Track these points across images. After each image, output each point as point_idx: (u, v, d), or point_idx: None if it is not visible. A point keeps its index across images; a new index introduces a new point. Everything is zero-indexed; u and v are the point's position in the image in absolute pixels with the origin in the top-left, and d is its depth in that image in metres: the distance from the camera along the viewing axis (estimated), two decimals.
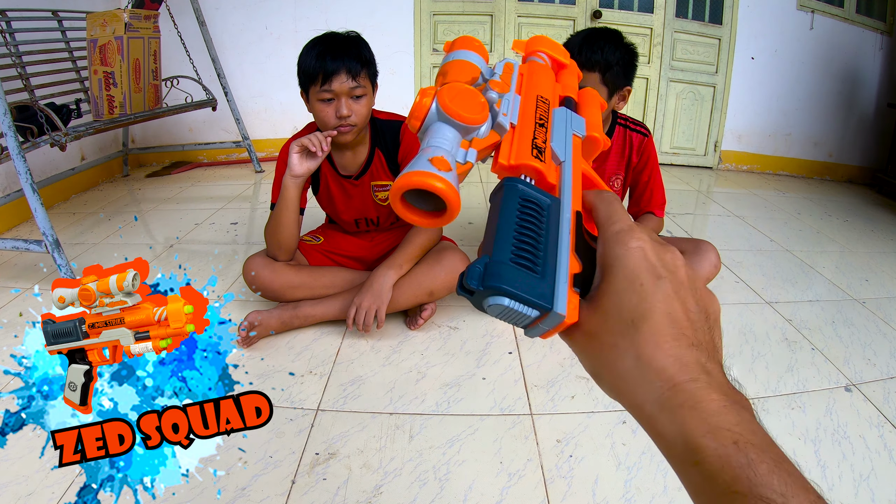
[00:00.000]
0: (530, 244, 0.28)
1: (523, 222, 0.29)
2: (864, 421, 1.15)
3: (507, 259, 0.27)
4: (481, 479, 0.98)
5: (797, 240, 2.26)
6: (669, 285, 0.27)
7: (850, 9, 3.31)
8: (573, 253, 0.29)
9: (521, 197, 0.30)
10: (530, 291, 0.26)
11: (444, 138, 0.31)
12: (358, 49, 1.35)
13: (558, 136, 0.35)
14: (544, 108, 0.36)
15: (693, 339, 0.26)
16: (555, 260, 0.28)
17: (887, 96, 3.37)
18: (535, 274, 0.27)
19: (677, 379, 0.25)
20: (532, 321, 0.27)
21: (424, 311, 1.47)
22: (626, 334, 0.26)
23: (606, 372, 0.28)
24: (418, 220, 0.30)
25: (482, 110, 0.32)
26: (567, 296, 0.27)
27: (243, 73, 3.30)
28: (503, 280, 0.26)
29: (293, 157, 1.36)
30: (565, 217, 0.30)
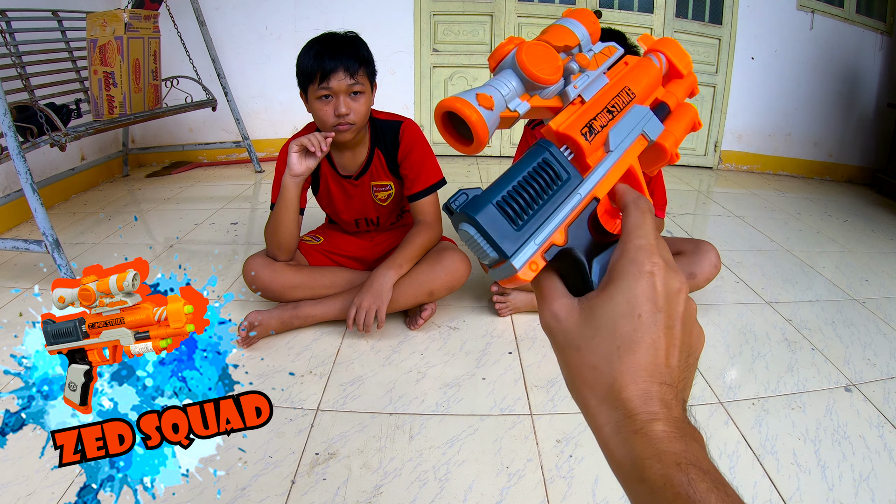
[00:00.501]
0: (524, 199, 0.30)
1: (531, 179, 0.30)
2: (864, 421, 1.15)
3: (493, 200, 0.29)
4: (481, 479, 0.98)
5: (797, 240, 2.26)
6: (664, 320, 0.29)
7: (850, 9, 3.31)
8: (564, 227, 0.31)
9: (543, 159, 0.31)
10: (498, 235, 0.29)
11: (505, 83, 0.32)
12: (356, 48, 1.36)
13: (623, 128, 0.35)
14: (624, 100, 0.36)
15: (666, 377, 0.28)
16: (541, 224, 0.30)
17: (887, 96, 3.37)
18: (514, 225, 0.29)
19: (637, 410, 0.27)
20: (492, 262, 0.30)
21: (424, 311, 1.47)
22: (609, 360, 0.28)
23: (580, 387, 0.30)
24: (451, 142, 0.33)
25: (553, 73, 0.33)
26: (531, 257, 0.29)
27: (243, 73, 3.30)
28: (478, 213, 0.29)
29: (292, 157, 1.37)
30: (579, 194, 0.32)
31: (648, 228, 0.31)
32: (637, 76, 0.38)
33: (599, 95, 0.35)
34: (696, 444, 0.27)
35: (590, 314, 0.30)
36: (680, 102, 0.40)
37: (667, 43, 0.41)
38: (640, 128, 0.36)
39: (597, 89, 0.35)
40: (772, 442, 1.08)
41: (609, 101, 0.35)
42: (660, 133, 0.37)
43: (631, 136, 0.35)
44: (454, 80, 3.38)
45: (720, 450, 1.06)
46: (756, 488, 0.97)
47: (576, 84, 0.35)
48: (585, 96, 0.35)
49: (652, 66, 0.39)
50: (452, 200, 0.30)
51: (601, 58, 0.37)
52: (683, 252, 1.49)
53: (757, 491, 0.97)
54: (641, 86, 0.38)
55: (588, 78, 0.35)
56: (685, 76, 0.41)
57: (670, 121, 0.39)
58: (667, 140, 0.37)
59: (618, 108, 0.35)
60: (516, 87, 0.33)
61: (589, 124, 0.33)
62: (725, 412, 1.17)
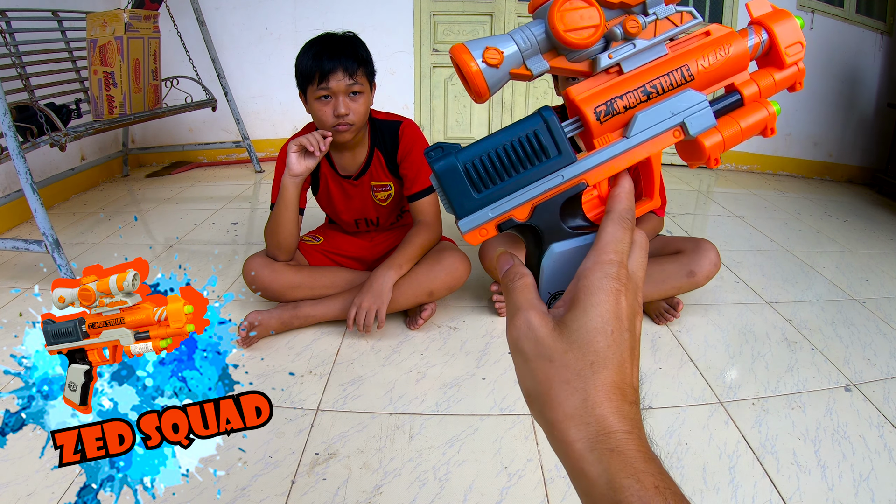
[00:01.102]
0: (495, 168, 0.29)
1: (510, 150, 0.29)
2: (864, 421, 1.15)
3: (462, 161, 0.29)
4: (481, 479, 0.98)
5: (797, 240, 2.26)
6: (629, 340, 0.29)
7: (850, 9, 3.31)
8: (531, 205, 0.30)
9: (533, 131, 0.30)
10: (456, 194, 0.29)
11: (528, 37, 0.30)
12: (354, 48, 1.36)
13: (656, 114, 0.31)
14: (675, 82, 0.31)
15: (633, 397, 0.28)
16: (505, 195, 0.30)
17: (887, 96, 3.37)
18: (475, 190, 0.29)
19: (614, 427, 0.27)
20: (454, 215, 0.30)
21: (424, 311, 1.47)
22: (582, 375, 0.28)
23: (547, 401, 0.29)
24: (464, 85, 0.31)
25: (586, 38, 0.29)
26: (481, 224, 0.30)
27: (243, 73, 3.30)
28: (442, 170, 0.29)
29: (291, 157, 1.37)
30: (561, 176, 0.30)
31: (623, 246, 0.30)
32: (708, 55, 0.31)
33: (642, 71, 0.31)
34: (662, 466, 0.27)
35: (563, 328, 0.29)
36: (760, 97, 0.33)
37: (778, 17, 0.33)
38: (679, 118, 0.31)
39: (643, 62, 0.31)
40: (772, 442, 1.08)
41: (650, 80, 0.30)
42: (706, 129, 0.31)
43: (661, 126, 0.31)
44: (454, 80, 3.38)
45: (720, 450, 1.06)
46: (756, 488, 0.97)
47: (612, 53, 0.30)
48: (626, 67, 0.31)
49: (740, 44, 0.32)
50: (429, 151, 0.30)
51: (665, 25, 0.31)
52: (683, 250, 1.49)
53: (757, 491, 0.97)
54: (710, 68, 0.31)
55: (634, 47, 0.30)
56: (787, 66, 0.33)
57: (731, 117, 0.32)
58: (710, 139, 0.32)
59: (660, 89, 0.30)
60: (541, 43, 0.29)
61: (610, 102, 0.30)
62: (725, 412, 1.17)
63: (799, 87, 0.34)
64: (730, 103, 0.32)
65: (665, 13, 0.31)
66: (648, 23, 0.30)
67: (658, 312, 1.50)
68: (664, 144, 0.31)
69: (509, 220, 0.30)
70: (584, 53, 0.30)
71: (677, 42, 0.32)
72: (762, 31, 0.33)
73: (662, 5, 0.30)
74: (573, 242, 0.32)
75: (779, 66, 0.33)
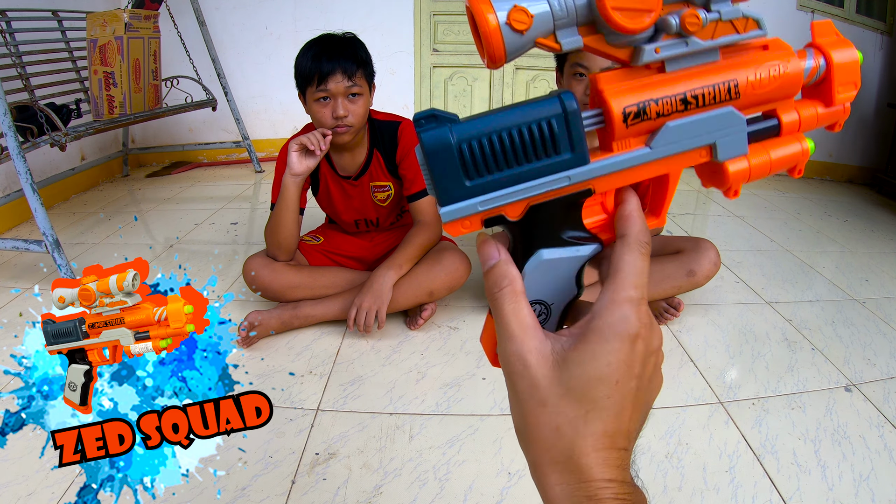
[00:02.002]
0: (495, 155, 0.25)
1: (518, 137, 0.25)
2: (864, 421, 1.15)
3: (458, 139, 0.25)
4: (481, 479, 0.98)
5: (797, 240, 2.26)
6: (635, 385, 0.27)
7: (850, 9, 3.31)
8: (527, 203, 0.27)
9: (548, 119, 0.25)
10: (442, 176, 0.25)
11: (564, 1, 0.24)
12: (354, 49, 1.36)
13: (690, 129, 0.27)
14: (719, 97, 0.26)
15: (625, 444, 0.27)
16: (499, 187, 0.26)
17: (887, 96, 3.37)
18: (466, 176, 0.25)
19: (594, 477, 0.26)
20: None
21: (424, 311, 1.47)
22: (574, 424, 0.26)
23: (534, 443, 0.28)
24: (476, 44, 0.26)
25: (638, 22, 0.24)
26: (465, 216, 0.26)
27: (243, 73, 3.30)
28: (431, 147, 0.25)
29: (292, 156, 1.37)
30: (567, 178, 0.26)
31: (644, 278, 0.27)
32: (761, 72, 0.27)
33: (686, 74, 0.26)
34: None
35: (563, 368, 0.26)
36: (798, 129, 0.29)
37: (841, 46, 0.28)
38: (712, 137, 0.27)
39: (690, 65, 0.27)
40: (772, 442, 1.08)
41: (692, 88, 0.26)
42: (736, 156, 0.28)
43: (691, 143, 0.27)
44: (454, 80, 3.38)
45: (720, 450, 1.06)
46: (756, 488, 0.97)
47: (660, 47, 0.26)
48: (669, 66, 0.26)
49: (797, 66, 0.28)
50: (420, 117, 0.25)
51: (725, 28, 0.26)
52: (683, 250, 1.49)
53: (757, 491, 0.97)
54: (760, 87, 0.27)
55: (686, 46, 0.26)
56: (834, 103, 0.29)
57: (762, 146, 0.28)
58: (736, 166, 0.28)
59: (701, 101, 0.26)
60: (580, 13, 0.25)
61: (644, 104, 0.26)
62: (725, 412, 1.17)
63: (838, 129, 0.30)
64: (765, 129, 0.28)
65: (730, 15, 0.26)
66: (709, 21, 0.26)
67: (658, 312, 1.50)
68: (688, 163, 0.28)
69: (499, 217, 0.27)
70: (628, 39, 0.25)
71: (731, 49, 0.27)
72: (820, 58, 0.28)
73: (729, 4, 0.26)
74: (564, 252, 0.28)
75: (826, 101, 0.29)
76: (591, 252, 0.29)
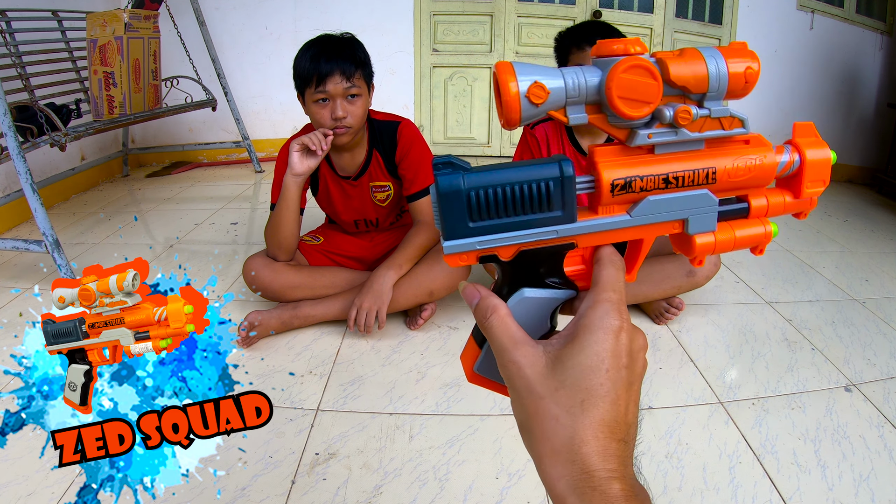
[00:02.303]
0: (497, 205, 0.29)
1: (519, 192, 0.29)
2: (864, 421, 1.15)
3: (467, 188, 0.28)
4: (481, 479, 0.98)
5: (797, 240, 2.26)
6: (627, 377, 0.29)
7: (850, 9, 3.31)
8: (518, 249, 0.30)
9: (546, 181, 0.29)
10: (449, 216, 0.29)
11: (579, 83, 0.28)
12: (352, 50, 1.35)
13: (666, 205, 0.30)
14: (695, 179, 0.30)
15: (624, 434, 0.28)
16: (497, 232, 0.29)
17: (887, 96, 3.37)
18: (470, 219, 0.29)
19: (596, 467, 0.27)
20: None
21: (424, 311, 1.47)
22: (572, 413, 0.28)
23: (537, 435, 0.29)
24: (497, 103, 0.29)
25: (637, 111, 0.28)
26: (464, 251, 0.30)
27: (243, 73, 3.30)
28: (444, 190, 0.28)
29: (294, 156, 1.37)
30: (555, 232, 0.30)
31: (621, 285, 0.31)
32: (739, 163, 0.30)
33: (672, 158, 0.30)
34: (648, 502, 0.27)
35: (557, 364, 0.29)
36: (764, 214, 0.32)
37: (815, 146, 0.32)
38: (686, 213, 0.31)
39: (677, 150, 0.30)
40: (772, 442, 1.08)
41: (674, 171, 0.30)
42: (705, 231, 0.31)
43: (667, 216, 0.31)
44: (454, 80, 3.38)
45: (720, 450, 1.06)
46: (756, 488, 0.97)
47: (652, 133, 0.29)
48: (658, 149, 0.30)
49: (772, 160, 0.31)
50: (438, 162, 0.29)
51: (712, 124, 0.30)
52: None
53: (757, 491, 0.97)
54: (735, 176, 0.30)
55: (675, 136, 0.29)
56: (802, 196, 0.32)
57: (731, 225, 0.32)
58: (703, 239, 0.31)
59: (681, 182, 0.30)
60: (589, 95, 0.28)
61: (630, 179, 0.29)
62: (725, 412, 1.17)
63: (803, 217, 0.34)
64: (735, 210, 0.32)
65: (719, 114, 0.29)
66: (699, 116, 0.29)
67: (658, 312, 1.50)
68: (661, 232, 0.31)
69: (492, 256, 0.30)
70: (627, 123, 0.29)
71: (715, 140, 0.31)
72: (796, 154, 0.32)
73: (720, 104, 0.29)
74: (544, 293, 0.32)
75: (795, 192, 0.32)
76: (567, 296, 0.33)
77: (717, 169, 0.30)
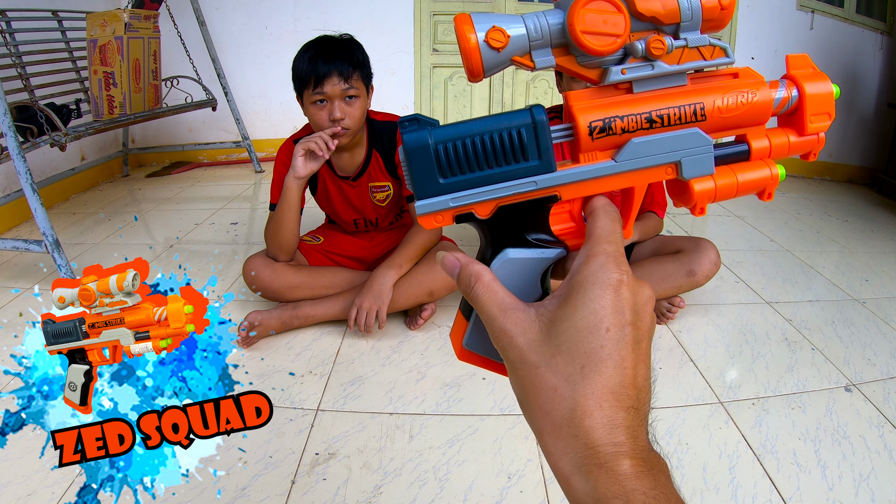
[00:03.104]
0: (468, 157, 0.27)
1: (490, 142, 0.27)
2: (864, 421, 1.15)
3: (435, 141, 0.27)
4: (481, 479, 0.98)
5: (797, 240, 2.26)
6: (632, 334, 0.26)
7: (850, 9, 3.31)
8: (495, 204, 0.28)
9: (518, 128, 0.27)
10: (419, 174, 0.27)
11: (540, 24, 0.27)
12: (350, 51, 1.35)
13: (654, 146, 0.28)
14: (682, 116, 0.28)
15: (633, 401, 0.25)
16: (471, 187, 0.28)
17: (887, 96, 3.37)
18: (441, 174, 0.28)
19: (601, 441, 0.24)
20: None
21: (424, 311, 1.47)
22: (571, 381, 0.25)
23: (535, 409, 0.26)
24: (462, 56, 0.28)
25: (605, 46, 0.26)
26: (437, 211, 0.28)
27: (243, 73, 3.30)
28: (411, 146, 0.27)
29: (298, 160, 1.37)
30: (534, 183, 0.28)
31: (618, 236, 0.28)
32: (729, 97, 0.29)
33: (654, 96, 0.28)
34: (663, 477, 0.25)
35: (550, 328, 0.26)
36: (768, 155, 0.30)
37: (814, 79, 0.30)
38: (677, 156, 0.29)
39: (657, 87, 0.28)
40: (772, 442, 1.08)
41: (658, 108, 0.28)
42: (702, 175, 0.29)
43: (655, 160, 0.29)
44: (454, 79, 3.38)
45: (720, 450, 1.06)
46: (756, 488, 0.97)
47: (626, 69, 0.28)
48: (637, 87, 0.28)
49: (766, 94, 0.29)
50: (404, 120, 0.28)
51: (692, 55, 0.28)
52: (683, 250, 1.49)
53: (757, 491, 0.97)
54: (727, 112, 0.29)
55: (652, 69, 0.28)
56: (806, 133, 0.30)
57: (730, 168, 0.30)
58: (701, 185, 0.29)
59: (666, 120, 0.28)
60: (553, 36, 0.27)
61: (609, 121, 0.28)
62: (725, 412, 1.17)
63: (813, 158, 0.31)
64: (734, 153, 0.30)
65: (696, 43, 0.28)
66: (675, 47, 0.27)
67: (659, 312, 1.50)
68: (653, 178, 0.29)
69: (469, 214, 0.28)
70: (597, 60, 0.27)
71: (700, 76, 0.29)
72: (793, 89, 0.30)
73: (697, 33, 0.28)
74: (530, 253, 0.30)
75: (799, 130, 0.30)
76: (556, 255, 0.30)
77: (706, 105, 0.28)
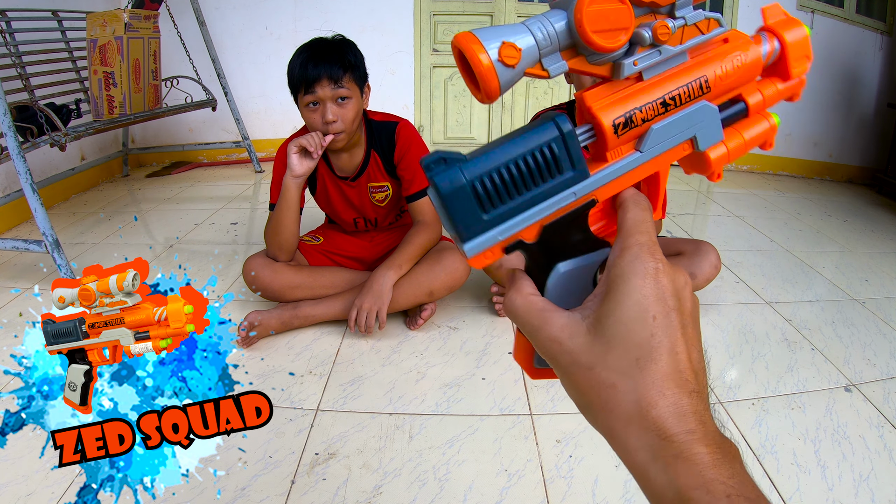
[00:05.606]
0: (505, 186, 0.26)
1: (523, 164, 0.26)
2: (864, 421, 1.15)
3: (469, 178, 0.25)
4: (481, 479, 0.98)
5: (797, 240, 2.26)
6: (678, 319, 0.26)
7: (850, 9, 3.31)
8: (540, 225, 0.27)
9: (548, 143, 0.26)
10: (460, 216, 0.26)
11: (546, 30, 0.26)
12: (340, 53, 1.35)
13: (672, 128, 0.29)
14: (693, 94, 0.29)
15: (693, 384, 0.25)
16: (514, 215, 0.27)
17: (887, 96, 3.37)
18: (482, 210, 0.26)
19: (673, 430, 0.24)
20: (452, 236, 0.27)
21: (424, 311, 1.47)
22: (629, 374, 0.25)
23: (598, 410, 0.26)
24: (466, 80, 0.27)
25: (614, 41, 0.26)
26: (487, 248, 0.27)
27: (243, 73, 3.30)
28: (446, 190, 0.25)
29: (293, 158, 1.37)
30: (573, 194, 0.27)
31: (649, 226, 0.28)
32: (726, 63, 0.30)
33: (661, 80, 0.29)
34: (738, 464, 0.24)
35: (597, 327, 0.26)
36: (763, 108, 0.32)
37: (790, 26, 0.31)
38: (692, 131, 0.29)
39: (663, 70, 0.29)
40: (772, 442, 1.08)
41: (669, 91, 0.28)
42: (714, 143, 0.30)
43: (675, 140, 0.29)
44: (454, 80, 3.38)
45: None
46: None
47: (637, 60, 0.28)
48: (646, 74, 0.28)
49: (755, 52, 0.30)
50: (428, 162, 0.26)
51: (692, 31, 0.29)
52: (683, 252, 1.49)
53: None
54: (726, 78, 0.30)
55: (660, 55, 0.28)
56: (791, 77, 0.32)
57: (734, 129, 0.31)
58: (716, 152, 0.30)
59: (678, 101, 0.29)
60: (561, 41, 0.26)
61: (630, 114, 0.28)
62: (725, 412, 1.17)
63: (796, 99, 0.33)
64: (735, 113, 0.31)
65: (694, 19, 0.28)
66: (677, 28, 0.28)
67: None
68: (674, 157, 0.30)
69: (517, 242, 0.27)
70: (608, 57, 0.27)
71: (696, 48, 0.30)
72: (774, 40, 0.31)
73: (691, 9, 0.28)
74: (580, 261, 0.29)
75: (783, 76, 0.32)
76: (603, 256, 0.30)
77: (709, 77, 0.29)
